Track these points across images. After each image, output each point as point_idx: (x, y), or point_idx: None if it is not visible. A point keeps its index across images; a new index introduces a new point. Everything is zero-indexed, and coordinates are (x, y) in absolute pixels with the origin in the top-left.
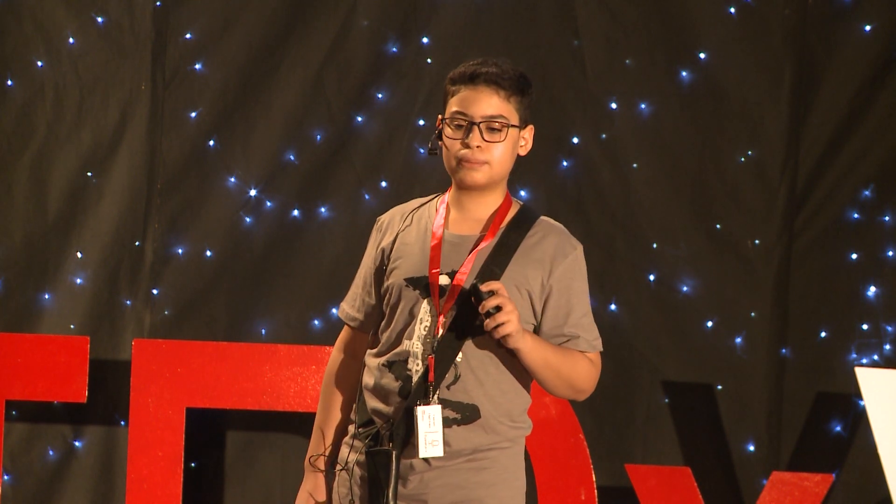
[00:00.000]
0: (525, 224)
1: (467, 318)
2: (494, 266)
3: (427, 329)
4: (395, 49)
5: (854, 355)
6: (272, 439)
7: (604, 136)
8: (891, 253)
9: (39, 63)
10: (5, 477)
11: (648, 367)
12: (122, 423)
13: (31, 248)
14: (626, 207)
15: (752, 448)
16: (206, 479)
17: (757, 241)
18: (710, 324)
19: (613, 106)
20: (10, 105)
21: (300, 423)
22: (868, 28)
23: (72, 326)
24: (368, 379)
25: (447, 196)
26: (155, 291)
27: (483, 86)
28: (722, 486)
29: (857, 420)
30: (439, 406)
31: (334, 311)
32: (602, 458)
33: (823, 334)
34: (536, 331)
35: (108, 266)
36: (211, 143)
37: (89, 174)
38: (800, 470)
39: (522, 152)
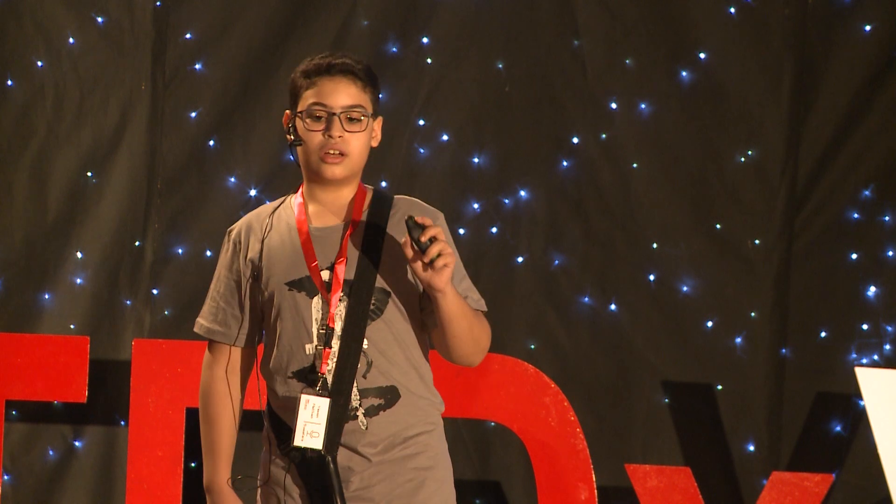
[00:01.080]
0: (385, 204)
1: (361, 304)
2: (371, 249)
3: (322, 325)
4: (395, 49)
5: (854, 355)
6: None
7: (604, 136)
8: (891, 253)
9: (39, 63)
10: (5, 477)
11: (648, 367)
12: (122, 423)
13: (31, 248)
14: (626, 207)
15: (752, 448)
16: None
17: (757, 241)
18: (710, 324)
19: (613, 106)
20: (10, 105)
21: None
22: (868, 28)
23: (72, 326)
24: (276, 399)
25: (300, 192)
26: (155, 291)
27: (340, 76)
28: (722, 486)
29: (857, 420)
30: (328, 400)
31: None
32: (602, 458)
33: (823, 334)
34: (420, 297)
35: (108, 266)
36: (211, 143)
37: (89, 174)
38: (800, 470)
39: (374, 143)
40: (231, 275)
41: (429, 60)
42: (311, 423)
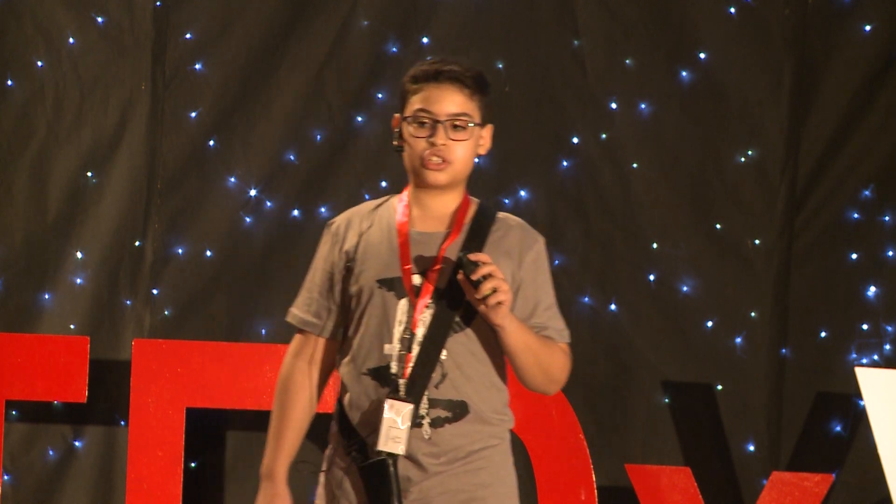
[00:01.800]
0: (487, 220)
1: (446, 315)
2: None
3: (405, 329)
4: (395, 49)
5: (854, 355)
6: None
7: (604, 136)
8: (891, 253)
9: (39, 63)
10: (5, 477)
11: (648, 367)
12: (122, 423)
13: (31, 248)
14: (626, 207)
15: (752, 448)
16: (206, 479)
17: (757, 241)
18: (710, 324)
19: (613, 106)
20: (10, 105)
21: None
22: (868, 28)
23: (72, 326)
24: (346, 393)
25: (405, 194)
26: (155, 291)
27: (447, 83)
28: (722, 486)
29: (857, 420)
30: (411, 406)
31: None
32: (602, 458)
33: (823, 334)
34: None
35: (108, 266)
36: (211, 143)
37: (89, 174)
38: (800, 470)
39: (482, 151)
40: (326, 266)
41: None
42: (394, 429)
